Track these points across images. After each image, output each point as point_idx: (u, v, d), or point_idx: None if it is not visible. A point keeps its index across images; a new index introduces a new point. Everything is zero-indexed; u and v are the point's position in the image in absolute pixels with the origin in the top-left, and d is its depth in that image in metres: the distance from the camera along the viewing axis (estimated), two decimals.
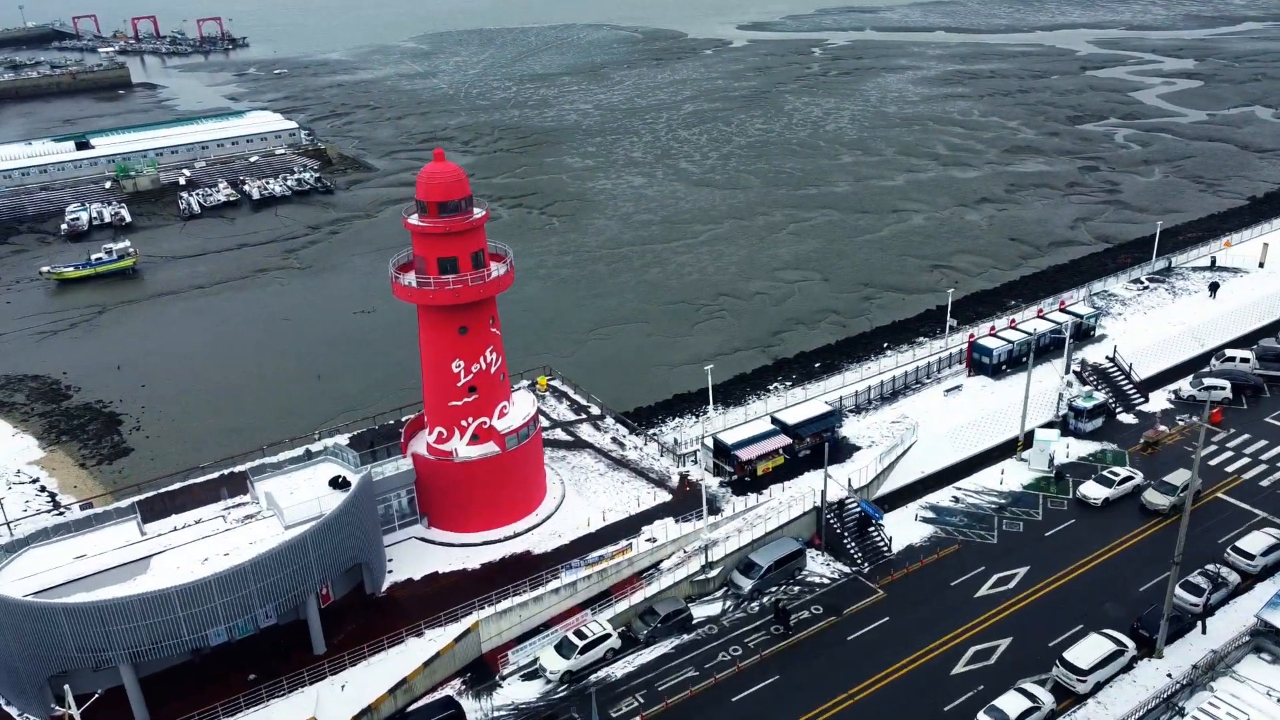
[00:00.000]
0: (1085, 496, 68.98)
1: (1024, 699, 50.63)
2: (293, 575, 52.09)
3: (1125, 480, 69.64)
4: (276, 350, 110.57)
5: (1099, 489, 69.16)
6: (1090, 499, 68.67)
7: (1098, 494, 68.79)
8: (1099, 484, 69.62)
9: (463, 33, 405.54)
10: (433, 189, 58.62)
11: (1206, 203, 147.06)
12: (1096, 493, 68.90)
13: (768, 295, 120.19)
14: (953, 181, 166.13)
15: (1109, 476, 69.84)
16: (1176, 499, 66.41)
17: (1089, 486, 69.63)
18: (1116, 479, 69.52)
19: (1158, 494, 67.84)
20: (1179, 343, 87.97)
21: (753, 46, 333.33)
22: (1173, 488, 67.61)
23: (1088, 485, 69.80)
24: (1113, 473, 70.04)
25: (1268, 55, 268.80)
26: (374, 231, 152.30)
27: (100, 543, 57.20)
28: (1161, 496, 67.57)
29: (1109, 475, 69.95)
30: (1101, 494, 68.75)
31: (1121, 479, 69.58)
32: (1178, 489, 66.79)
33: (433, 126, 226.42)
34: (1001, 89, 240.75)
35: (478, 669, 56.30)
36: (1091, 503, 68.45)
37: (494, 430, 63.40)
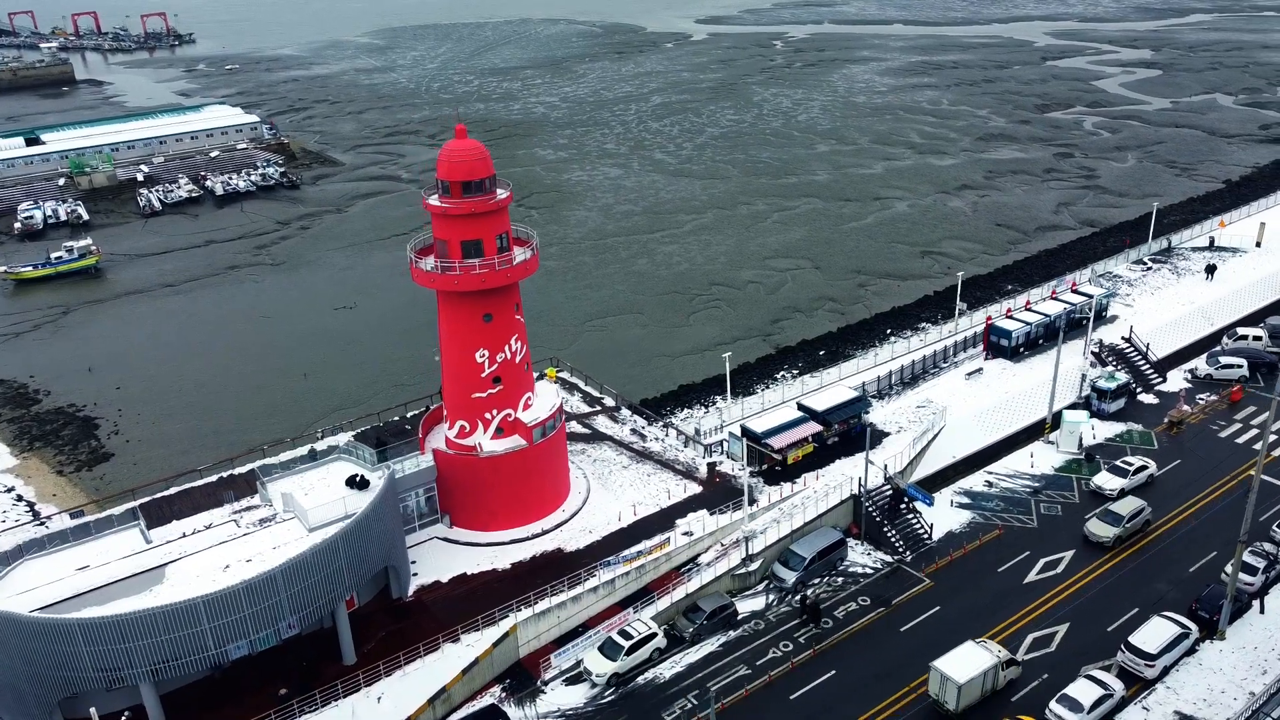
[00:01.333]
0: (1100, 488, 66.11)
1: (1095, 686, 48.82)
2: (324, 580, 48.52)
3: (1140, 469, 67.09)
4: (257, 349, 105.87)
5: (1114, 479, 66.44)
6: (1106, 490, 65.82)
7: (1113, 484, 66.00)
8: (1113, 474, 66.96)
9: (417, 27, 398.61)
10: (456, 168, 55.28)
11: (1184, 186, 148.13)
12: (1112, 483, 66.14)
13: (761, 284, 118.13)
14: (931, 169, 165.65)
15: (1123, 466, 67.25)
16: (1122, 530, 60.83)
17: (1103, 477, 66.96)
18: (1131, 469, 66.89)
19: (1101, 524, 61.44)
20: (1189, 322, 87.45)
21: (713, 40, 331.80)
22: (1118, 517, 61.33)
23: (1102, 476, 67.15)
24: (1126, 462, 67.52)
25: (1220, 45, 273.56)
26: (346, 226, 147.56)
27: (103, 552, 53.15)
28: (1106, 527, 61.19)
29: (1123, 465, 67.38)
30: (1117, 484, 65.96)
31: (1136, 468, 66.98)
32: (1124, 519, 61.05)
33: (396, 121, 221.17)
34: (966, 79, 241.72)
35: (517, 674, 53.17)
36: (1108, 494, 65.61)
37: (519, 423, 60.20)
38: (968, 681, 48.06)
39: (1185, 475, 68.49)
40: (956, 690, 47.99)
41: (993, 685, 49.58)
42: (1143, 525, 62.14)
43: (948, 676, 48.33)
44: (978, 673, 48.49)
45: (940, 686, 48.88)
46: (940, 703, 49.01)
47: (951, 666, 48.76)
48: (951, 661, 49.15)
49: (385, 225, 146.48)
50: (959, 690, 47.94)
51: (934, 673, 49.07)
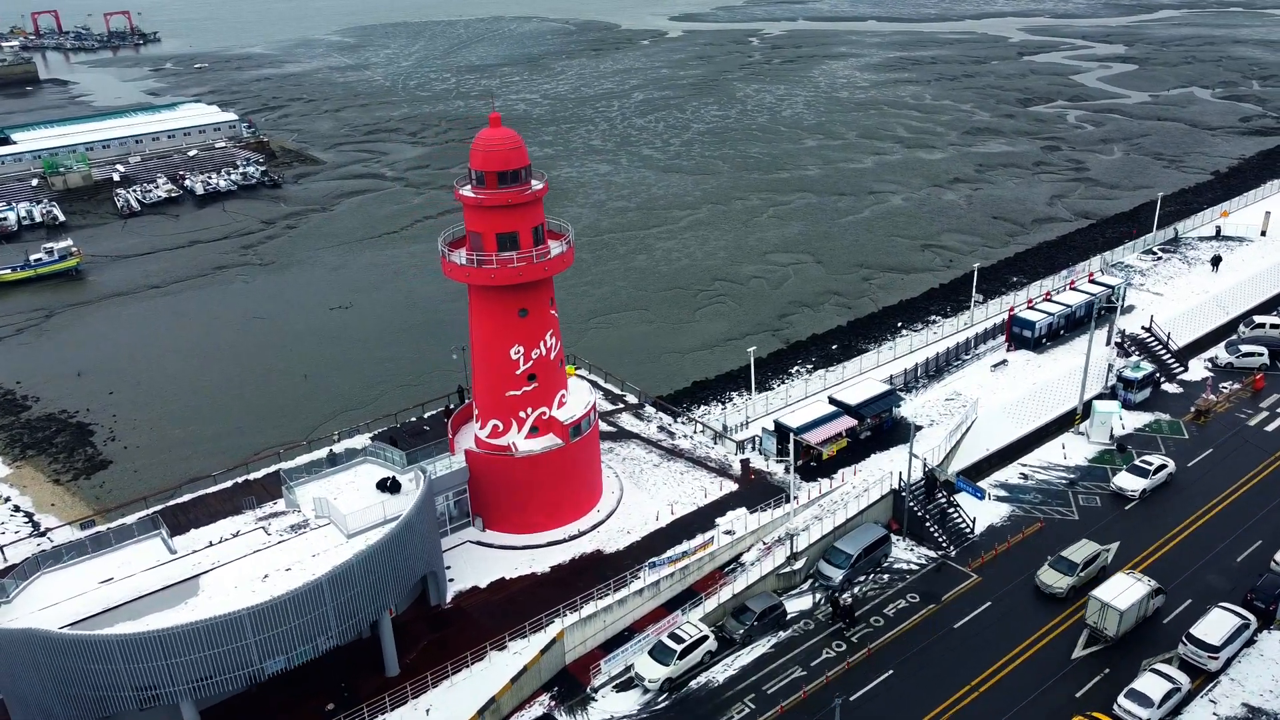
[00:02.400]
0: (1122, 489, 63.98)
1: (1163, 680, 47.87)
2: (369, 589, 46.33)
3: (1160, 468, 65.13)
4: (253, 350, 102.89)
5: (1135, 480, 64.33)
6: (1128, 491, 63.74)
7: (1135, 485, 63.93)
8: (1134, 474, 64.82)
9: (388, 26, 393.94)
10: (492, 157, 53.22)
11: (1175, 178, 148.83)
12: (1133, 484, 64.04)
13: (764, 279, 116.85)
14: (921, 163, 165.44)
15: (1142, 466, 65.23)
16: (1076, 580, 55.14)
17: (1124, 478, 64.75)
18: (1151, 468, 64.91)
19: (1054, 573, 55.70)
20: (1205, 311, 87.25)
21: (690, 37, 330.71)
22: (1071, 565, 55.61)
23: (1122, 477, 64.92)
24: (1146, 462, 65.61)
25: (1193, 40, 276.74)
26: (333, 225, 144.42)
27: (125, 564, 50.38)
28: (1059, 576, 55.60)
29: (1142, 465, 65.35)
30: (1138, 485, 63.91)
31: (1156, 467, 65.05)
32: (1077, 567, 55.38)
33: (375, 118, 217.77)
34: (947, 74, 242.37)
35: (564, 682, 51.26)
36: (1130, 495, 63.70)
37: (555, 421, 58.25)
38: (1127, 608, 51.35)
39: (1219, 464, 67.94)
40: (1118, 616, 51.38)
41: (1144, 612, 52.97)
42: (1099, 571, 56.37)
43: (1108, 604, 51.55)
44: (1134, 600, 51.78)
45: (1100, 614, 52.08)
46: (1099, 629, 52.21)
47: (1111, 595, 51.97)
48: (1110, 590, 52.35)
49: (374, 224, 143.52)
50: (1120, 616, 51.32)
51: (1093, 601, 52.30)
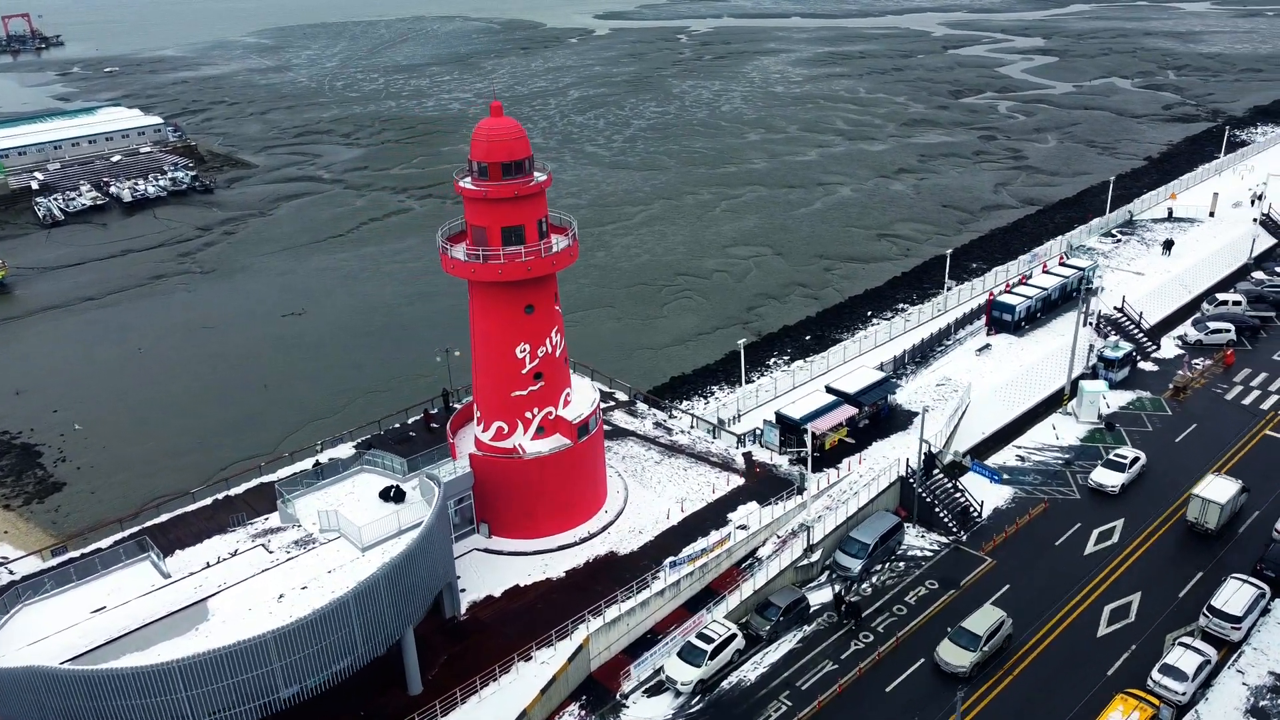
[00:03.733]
0: (1101, 485, 62.76)
1: (1194, 654, 48.15)
2: (395, 603, 43.82)
3: (1135, 461, 64.23)
4: (205, 362, 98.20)
5: (1112, 475, 63.10)
6: (1107, 487, 62.55)
7: (1113, 480, 62.73)
8: (1110, 470, 63.65)
9: (307, 26, 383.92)
10: (496, 148, 51.04)
11: (1110, 164, 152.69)
12: (1111, 479, 62.83)
13: (727, 273, 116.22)
14: (864, 154, 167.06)
15: (1117, 460, 64.12)
16: (979, 655, 48.59)
17: (1100, 474, 63.53)
18: (1126, 461, 63.91)
19: (954, 648, 49.01)
20: (1169, 290, 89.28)
21: (618, 34, 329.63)
22: (975, 638, 48.94)
23: (1098, 472, 63.69)
24: (1120, 456, 64.52)
25: (1107, 32, 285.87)
26: (275, 230, 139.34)
27: (115, 591, 46.88)
28: (960, 652, 48.69)
29: (1117, 460, 64.23)
30: (1116, 480, 62.72)
31: (1131, 460, 64.12)
32: (981, 640, 48.82)
33: (304, 120, 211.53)
34: (877, 68, 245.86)
35: (592, 690, 49.40)
36: (1109, 491, 62.47)
37: (562, 420, 56.29)
38: (1226, 501, 57.47)
39: (1205, 439, 69.19)
40: (1219, 510, 57.31)
41: (1235, 508, 59.15)
42: (1004, 642, 50.41)
43: (1209, 500, 57.57)
44: (1230, 496, 58.00)
45: (1201, 510, 58.09)
46: (1200, 524, 58.28)
47: (1210, 492, 58.10)
48: (1208, 488, 58.43)
49: (318, 227, 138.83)
50: (1220, 510, 57.27)
51: (1194, 500, 58.33)
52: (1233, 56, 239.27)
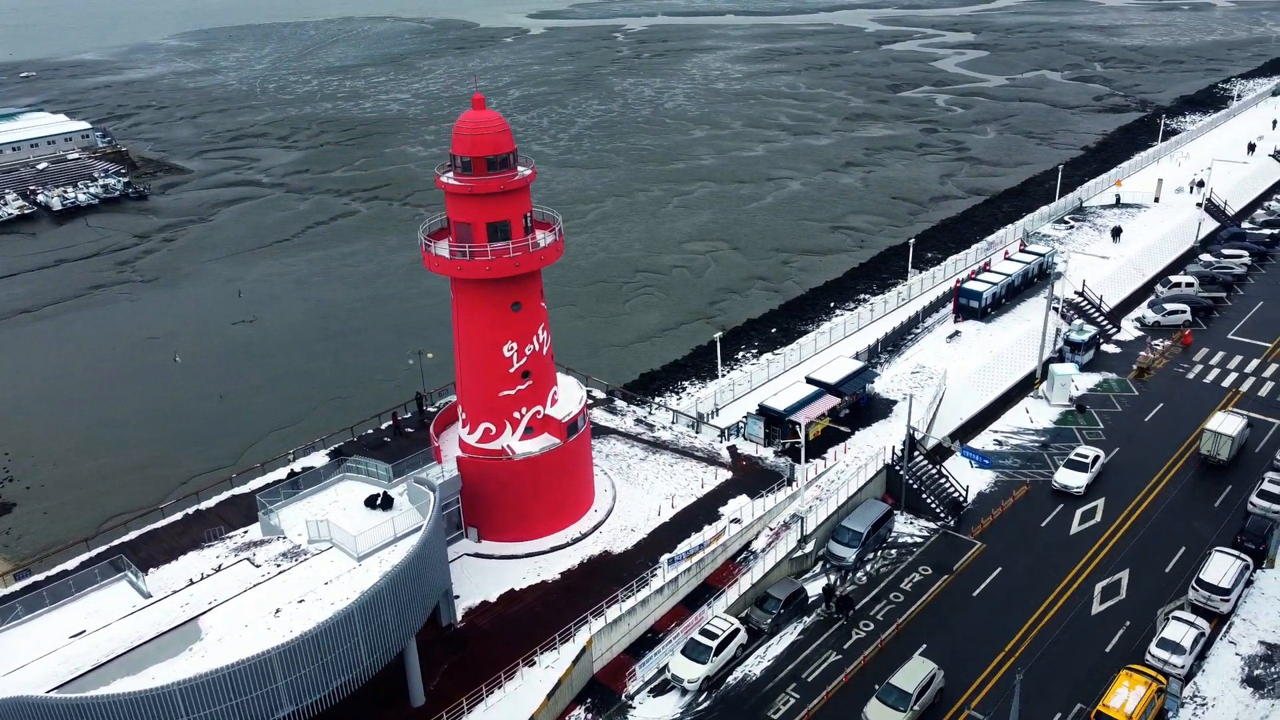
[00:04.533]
0: (1065, 486, 61.65)
1: (1189, 627, 49.00)
2: (398, 613, 42.31)
3: (1095, 460, 63.38)
4: (154, 373, 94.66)
5: (1075, 476, 62.05)
6: (1072, 489, 61.41)
7: (1076, 481, 61.67)
8: (1073, 470, 62.60)
9: (233, 29, 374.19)
10: (479, 141, 49.81)
11: (1049, 154, 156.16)
12: (1075, 480, 61.75)
13: (686, 268, 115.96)
14: (810, 148, 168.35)
15: (1079, 460, 63.12)
16: (910, 715, 44.97)
17: (1063, 474, 62.40)
18: (1088, 461, 62.97)
19: (884, 708, 45.34)
20: (1123, 275, 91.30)
21: (553, 34, 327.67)
22: (905, 696, 45.36)
23: (1061, 473, 62.57)
24: (1081, 455, 63.59)
25: (1033, 27, 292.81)
26: (217, 236, 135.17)
27: (94, 613, 44.60)
28: (889, 713, 45.04)
29: (1077, 459, 63.24)
30: (1080, 480, 61.68)
31: (1093, 459, 63.26)
32: (911, 697, 45.21)
33: (238, 124, 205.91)
34: (814, 64, 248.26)
35: (596, 692, 48.44)
36: (1074, 492, 61.44)
37: (551, 419, 55.15)
38: (1236, 433, 62.88)
39: (1172, 417, 70.74)
40: (1230, 442, 62.65)
41: (1242, 441, 64.36)
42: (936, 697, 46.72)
43: (1221, 433, 62.96)
44: (1239, 429, 63.38)
45: (1214, 443, 63.21)
46: (1213, 456, 63.37)
47: (1221, 426, 63.51)
48: (1218, 423, 63.84)
49: (263, 232, 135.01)
50: (1231, 441, 62.59)
51: (1207, 434, 63.54)
52: (1154, 49, 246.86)
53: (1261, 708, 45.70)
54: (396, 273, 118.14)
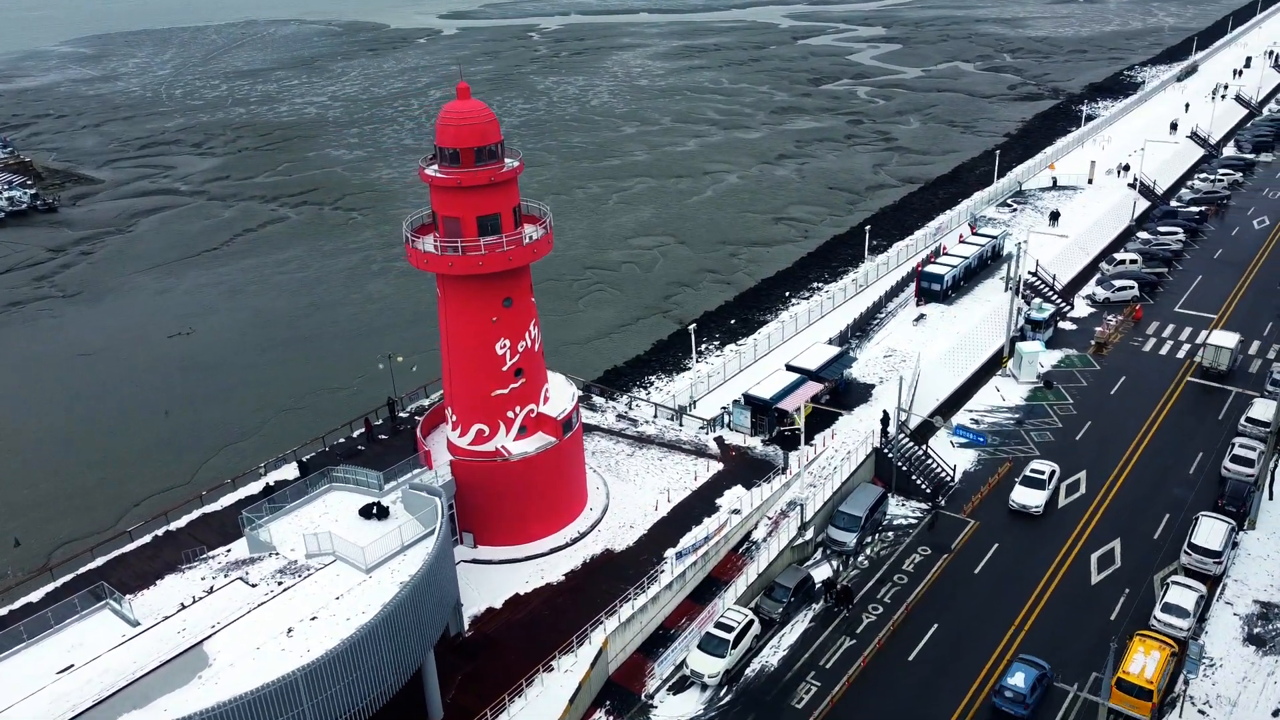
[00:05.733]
0: (1024, 506, 57.98)
1: (1189, 590, 50.17)
2: (417, 626, 40.39)
3: (1053, 475, 60.27)
4: (90, 391, 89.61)
5: (1034, 494, 58.47)
6: (1030, 508, 57.85)
7: (1035, 500, 58.16)
8: (1029, 488, 58.99)
9: (127, 34, 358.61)
10: (467, 132, 47.93)
11: (974, 142, 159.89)
12: (1033, 499, 58.20)
13: (635, 264, 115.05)
14: (742, 142, 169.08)
15: (1034, 477, 59.67)
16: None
17: (1020, 493, 58.69)
18: (1045, 477, 59.63)
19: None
20: (1070, 254, 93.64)
21: (467, 34, 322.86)
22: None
23: (1018, 492, 58.82)
24: (1036, 472, 60.17)
25: (941, 20, 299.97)
26: (140, 247, 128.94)
27: (78, 645, 41.57)
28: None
29: (1033, 475, 59.82)
30: (1039, 499, 58.19)
31: (1049, 474, 59.99)
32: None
33: (146, 131, 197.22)
34: (734, 59, 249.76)
35: (614, 694, 47.17)
36: (1033, 512, 57.89)
37: (545, 417, 53.63)
38: (1234, 346, 71.10)
39: (1136, 388, 72.67)
40: (1228, 354, 70.93)
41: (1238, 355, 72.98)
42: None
43: (1221, 346, 71.13)
44: (1235, 343, 71.70)
45: (1214, 355, 71.61)
46: (1214, 367, 71.82)
47: (1220, 340, 71.89)
48: (1218, 338, 72.24)
49: (189, 242, 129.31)
50: (1230, 354, 70.80)
51: (1207, 347, 72.28)
52: (1058, 39, 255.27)
53: (1267, 664, 46.97)
54: (336, 278, 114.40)
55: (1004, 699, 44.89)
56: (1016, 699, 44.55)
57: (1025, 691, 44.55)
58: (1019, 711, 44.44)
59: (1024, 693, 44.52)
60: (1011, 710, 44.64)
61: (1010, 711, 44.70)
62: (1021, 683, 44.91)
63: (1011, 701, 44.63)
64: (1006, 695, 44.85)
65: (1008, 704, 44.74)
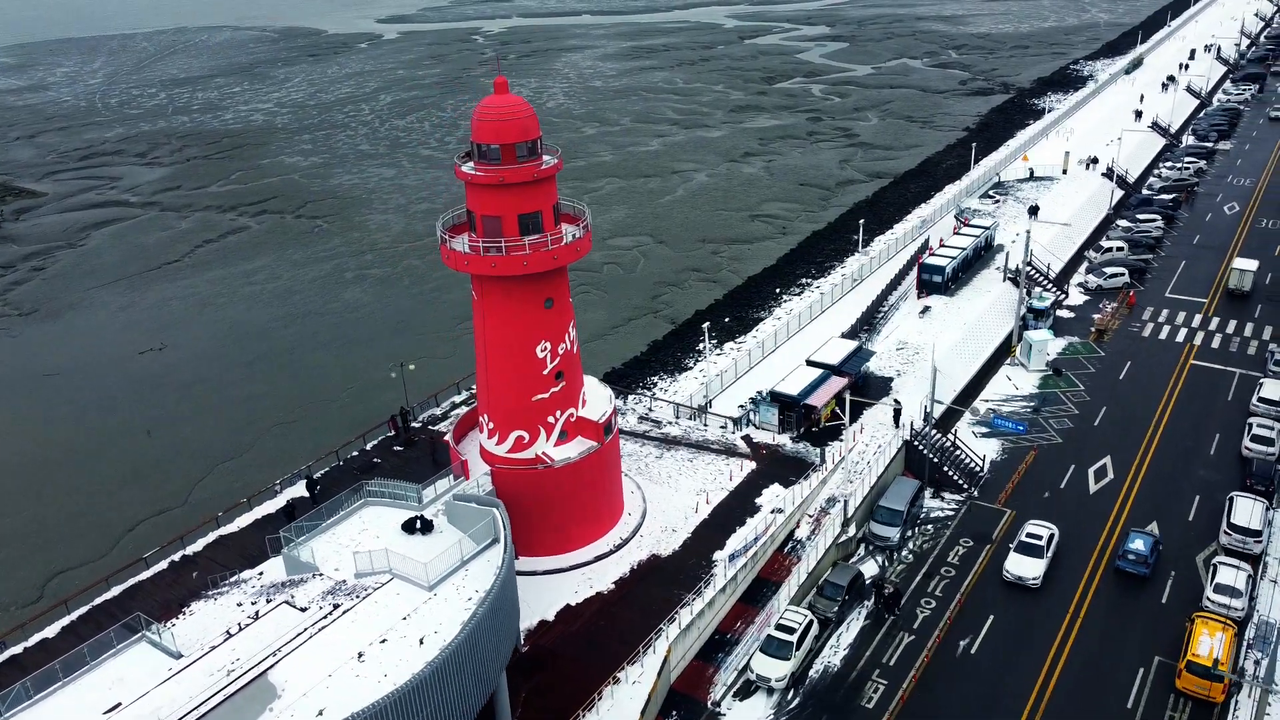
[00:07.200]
0: (1020, 578, 51.43)
1: (1238, 570, 50.46)
2: (497, 640, 38.52)
3: (1050, 539, 53.43)
4: (62, 414, 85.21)
5: (1031, 564, 51.71)
6: (1028, 580, 51.33)
7: (1033, 572, 51.44)
8: (1026, 555, 52.21)
9: (51, 42, 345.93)
10: (508, 127, 46.05)
11: (935, 136, 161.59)
12: (1031, 570, 51.50)
13: (616, 265, 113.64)
14: (706, 141, 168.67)
15: (1030, 543, 52.75)
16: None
17: (1014, 563, 52.08)
18: (1042, 541, 52.87)
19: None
20: (1058, 243, 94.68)
21: (409, 38, 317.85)
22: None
23: (1012, 561, 52.21)
24: (1034, 537, 53.25)
25: (884, 18, 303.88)
26: (95, 261, 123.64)
27: (119, 682, 38.92)
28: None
29: (1029, 541, 52.89)
30: (1036, 570, 51.47)
31: (1046, 539, 53.17)
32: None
33: (85, 142, 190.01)
34: (685, 59, 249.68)
35: (680, 703, 45.74)
36: (1030, 585, 51.34)
37: (585, 421, 51.95)
38: (1255, 270, 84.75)
39: (1144, 373, 73.49)
40: (1250, 276, 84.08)
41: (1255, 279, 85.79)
42: None
43: (1244, 270, 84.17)
44: (1255, 267, 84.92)
45: (1239, 278, 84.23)
46: (1239, 288, 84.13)
47: (1243, 265, 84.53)
48: (1241, 263, 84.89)
49: (148, 254, 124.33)
50: (1252, 276, 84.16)
51: (1233, 271, 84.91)
52: (1000, 36, 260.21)
53: None
54: (309, 288, 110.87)
55: (1128, 561, 51.91)
56: (1139, 560, 51.77)
57: (1146, 553, 51.96)
58: (1142, 571, 51.52)
59: (1145, 554, 51.90)
60: (1135, 570, 51.71)
61: (1134, 571, 51.74)
62: (1142, 546, 52.26)
63: (1135, 563, 51.73)
64: (1130, 558, 51.95)
65: (1131, 565, 51.79)
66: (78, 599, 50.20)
